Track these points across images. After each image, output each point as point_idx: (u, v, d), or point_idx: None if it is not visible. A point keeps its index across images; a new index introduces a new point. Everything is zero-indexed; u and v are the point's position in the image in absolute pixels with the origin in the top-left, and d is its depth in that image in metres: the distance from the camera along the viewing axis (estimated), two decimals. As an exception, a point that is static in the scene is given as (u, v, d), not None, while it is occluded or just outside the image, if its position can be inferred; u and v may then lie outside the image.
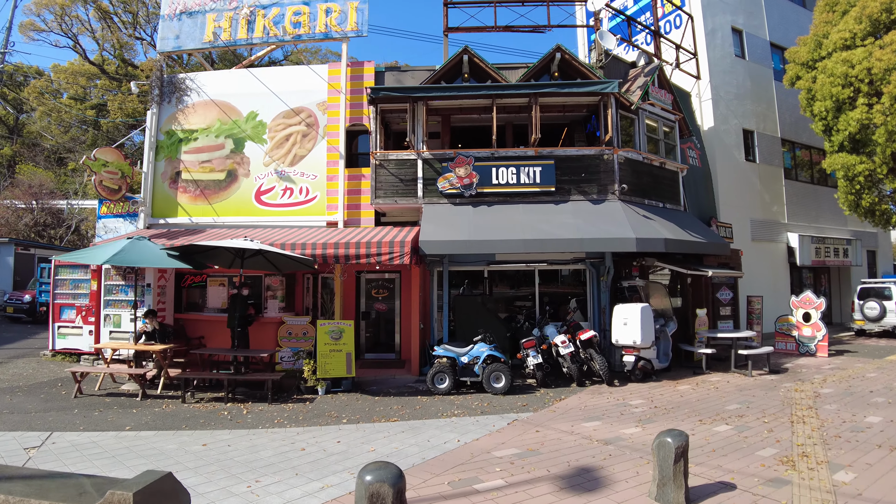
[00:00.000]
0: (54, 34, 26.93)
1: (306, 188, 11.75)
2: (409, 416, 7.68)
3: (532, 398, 8.61)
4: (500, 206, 10.29)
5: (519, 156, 10.42)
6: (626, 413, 7.54)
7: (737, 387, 9.04)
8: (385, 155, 10.76)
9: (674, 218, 10.96)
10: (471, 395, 8.90)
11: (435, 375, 9.01)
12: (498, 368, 8.91)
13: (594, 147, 10.38)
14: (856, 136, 11.67)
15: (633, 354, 9.42)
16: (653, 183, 11.15)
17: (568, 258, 11.04)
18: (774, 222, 15.74)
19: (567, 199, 10.31)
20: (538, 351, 9.37)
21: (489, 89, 10.04)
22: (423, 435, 6.65)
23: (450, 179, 10.40)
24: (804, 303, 12.49)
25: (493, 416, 7.61)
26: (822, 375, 9.93)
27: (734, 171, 14.74)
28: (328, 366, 9.42)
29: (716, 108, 14.47)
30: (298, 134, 11.99)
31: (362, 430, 6.97)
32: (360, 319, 11.76)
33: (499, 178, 10.30)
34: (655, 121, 11.50)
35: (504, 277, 11.89)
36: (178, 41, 12.68)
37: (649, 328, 9.39)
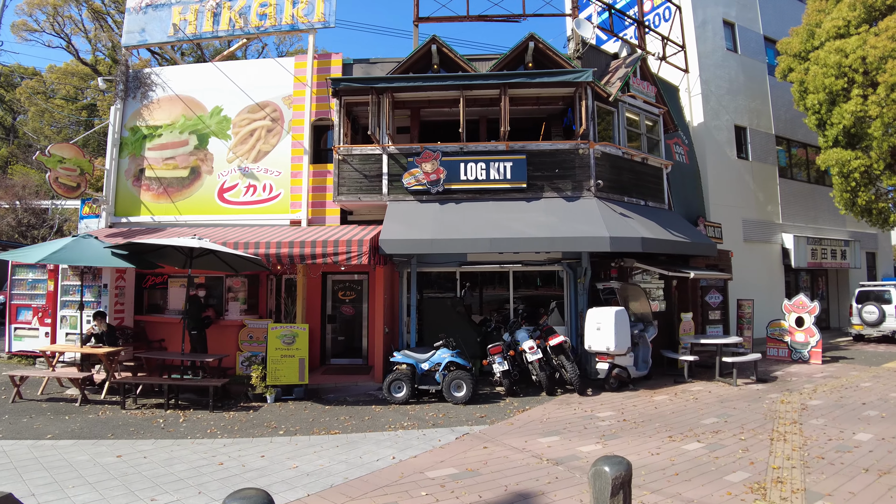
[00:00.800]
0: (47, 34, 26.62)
1: (270, 185, 11.14)
2: (353, 428, 7.04)
3: (494, 409, 7.91)
4: (468, 203, 9.61)
5: (489, 150, 9.74)
6: (590, 427, 6.82)
7: (718, 398, 8.28)
8: (349, 149, 10.12)
9: (656, 216, 10.23)
10: (429, 405, 8.22)
11: (392, 383, 8.35)
12: (459, 376, 8.22)
13: (569, 141, 9.68)
14: (850, 130, 10.88)
15: (608, 361, 8.69)
16: (634, 179, 10.43)
17: (543, 259, 10.33)
18: (768, 222, 14.93)
19: (540, 196, 9.61)
20: (505, 357, 8.66)
21: (455, 79, 9.38)
22: (358, 450, 6.02)
23: (416, 175, 9.73)
24: (797, 306, 11.69)
25: (443, 429, 6.93)
26: (813, 385, 9.14)
27: (725, 168, 13.97)
28: (279, 372, 8.79)
29: (706, 104, 13.71)
30: (263, 129, 11.39)
31: (295, 443, 6.36)
32: (325, 323, 11.11)
33: (467, 174, 9.62)
34: (637, 114, 10.78)
35: (478, 279, 11.19)
36: (144, 35, 12.13)
37: (624, 333, 8.66)
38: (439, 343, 8.73)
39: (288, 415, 7.79)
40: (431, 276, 10.97)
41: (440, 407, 8.08)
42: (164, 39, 12.06)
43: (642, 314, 9.68)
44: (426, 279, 11.06)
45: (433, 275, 10.93)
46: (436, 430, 6.84)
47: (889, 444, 5.86)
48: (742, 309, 12.34)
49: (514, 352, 8.83)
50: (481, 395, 8.81)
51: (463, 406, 8.08)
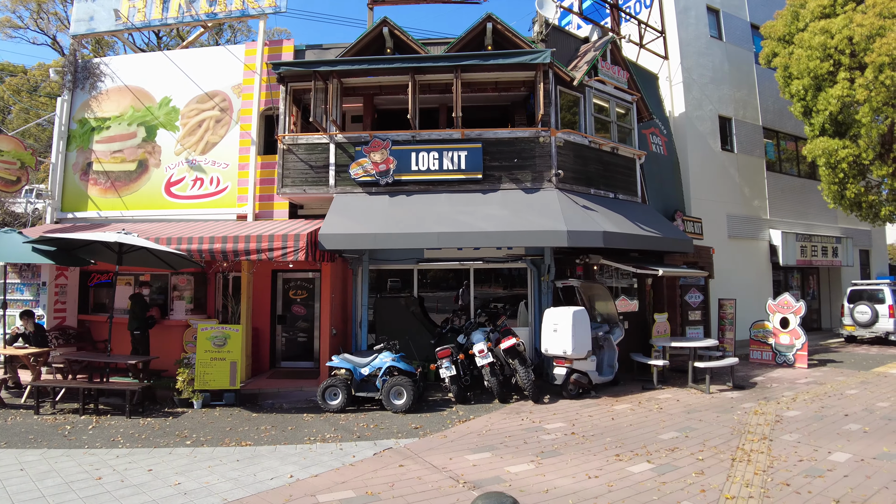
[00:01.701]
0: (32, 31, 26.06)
1: (217, 178, 10.36)
2: (269, 439, 6.29)
3: (435, 418, 7.07)
4: (420, 195, 8.77)
5: (443, 139, 8.89)
6: (531, 441, 5.96)
7: (686, 407, 7.38)
8: (294, 138, 9.31)
9: (626, 210, 9.34)
10: (366, 414, 7.39)
11: (326, 390, 7.54)
12: (400, 382, 7.38)
13: (529, 128, 8.81)
14: (837, 118, 9.93)
15: (565, 366, 7.82)
16: (602, 171, 9.54)
17: (505, 255, 9.47)
18: (755, 218, 13.96)
19: (497, 187, 8.76)
20: (454, 361, 7.82)
21: (403, 61, 8.55)
22: (258, 466, 5.30)
23: (364, 165, 8.91)
24: (781, 307, 10.74)
25: (366, 442, 6.12)
26: (794, 392, 8.22)
27: (708, 161, 13.03)
28: (208, 376, 8.01)
29: (688, 92, 12.78)
30: (212, 120, 10.62)
31: (195, 455, 5.68)
32: (276, 323, 10.31)
33: (419, 164, 8.78)
34: (607, 101, 9.89)
35: (438, 277, 10.34)
36: (93, 23, 11.41)
37: (583, 335, 7.78)
38: (379, 346, 7.90)
39: (207, 423, 7.03)
40: (388, 273, 10.15)
41: (377, 416, 7.25)
42: (112, 28, 11.33)
43: (608, 315, 8.79)
44: (384, 277, 10.25)
45: (389, 272, 10.11)
46: (357, 444, 6.02)
47: (868, 468, 4.95)
48: (724, 309, 11.40)
49: (465, 355, 7.97)
50: (430, 401, 7.98)
51: (402, 415, 7.25)
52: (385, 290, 10.19)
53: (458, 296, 9.84)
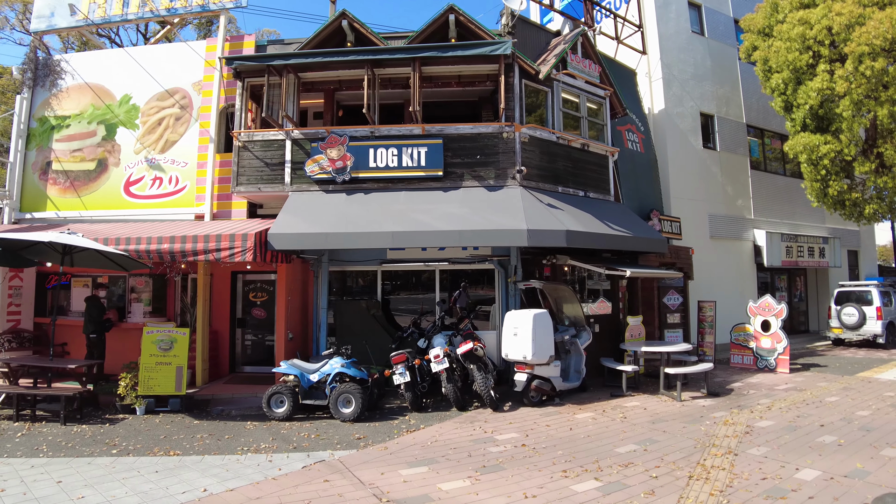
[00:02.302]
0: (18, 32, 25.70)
1: (176, 177, 9.88)
2: (200, 449, 5.87)
3: (383, 428, 6.56)
4: (378, 193, 8.28)
5: (403, 134, 8.40)
6: (476, 454, 5.45)
7: (652, 417, 6.84)
8: (250, 135, 8.85)
9: (596, 209, 8.83)
10: (311, 423, 6.90)
11: (272, 397, 7.06)
12: (348, 390, 6.88)
13: (492, 123, 8.31)
14: (818, 112, 9.40)
15: (526, 372, 7.29)
16: (571, 168, 9.03)
17: (471, 256, 8.96)
18: (739, 218, 13.42)
19: (459, 185, 8.26)
20: (409, 367, 7.30)
21: (359, 54, 8.07)
22: (175, 478, 4.92)
23: (320, 162, 8.42)
24: (763, 309, 10.19)
25: (301, 453, 5.66)
26: (770, 400, 7.67)
27: (689, 159, 12.50)
28: (152, 381, 7.53)
29: (668, 89, 12.27)
30: (172, 117, 10.15)
31: (116, 465, 5.31)
32: (235, 327, 9.81)
33: (377, 161, 8.29)
34: (577, 95, 9.38)
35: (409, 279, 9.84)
36: (53, 20, 10.96)
37: (545, 340, 7.26)
38: (328, 351, 7.40)
39: (144, 430, 6.64)
40: (352, 275, 9.65)
41: (322, 425, 6.74)
42: (72, 24, 10.89)
43: (574, 317, 8.26)
44: (348, 279, 9.75)
45: (354, 274, 9.61)
46: (289, 456, 5.55)
47: (837, 487, 4.42)
48: (703, 312, 10.84)
49: (420, 360, 7.44)
50: (386, 409, 7.49)
51: (350, 424, 6.76)
52: (350, 293, 9.70)
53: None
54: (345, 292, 9.75)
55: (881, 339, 12.34)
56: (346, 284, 9.77)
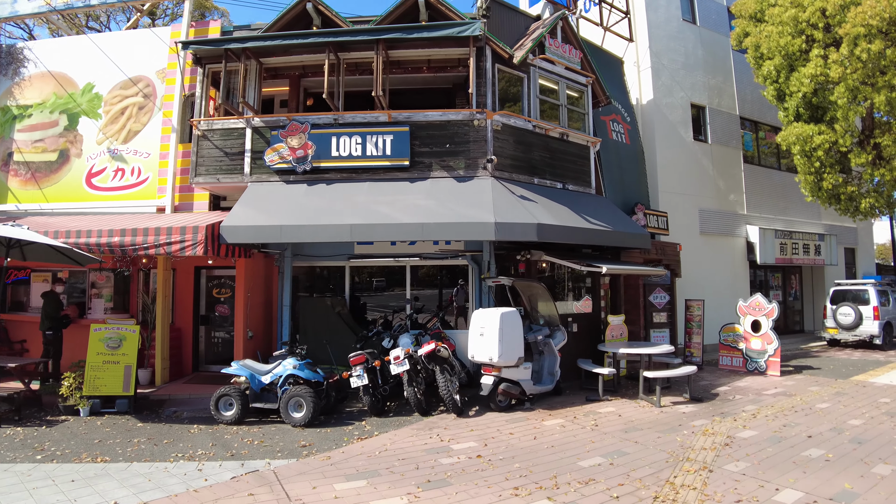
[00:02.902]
0: (9, 28, 25.20)
1: (139, 168, 9.35)
2: (132, 455, 5.47)
3: (333, 434, 6.02)
4: (341, 184, 7.70)
5: (369, 122, 7.82)
6: (424, 466, 4.89)
7: (627, 424, 6.25)
8: (210, 123, 8.29)
9: (574, 202, 8.23)
10: (260, 427, 6.37)
11: (220, 399, 6.54)
12: (298, 393, 6.34)
13: (462, 110, 7.71)
14: (811, 100, 8.75)
15: (493, 375, 6.70)
16: (548, 158, 8.42)
17: (443, 251, 8.38)
18: (731, 213, 12.76)
19: (427, 175, 7.67)
20: (368, 368, 6.74)
21: (320, 36, 7.50)
22: (88, 489, 4.47)
23: (280, 151, 7.86)
24: (753, 308, 9.56)
25: (234, 462, 5.17)
26: (757, 406, 7.05)
27: (679, 151, 11.86)
28: (99, 381, 7.01)
29: (657, 78, 11.62)
30: (135, 106, 9.61)
31: (33, 473, 4.87)
32: (198, 324, 9.27)
33: (340, 150, 7.72)
34: (556, 82, 8.77)
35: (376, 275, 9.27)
36: (16, 6, 10.44)
37: (513, 340, 6.67)
38: (281, 351, 6.85)
39: (80, 433, 6.18)
40: (320, 271, 9.09)
41: (271, 431, 6.20)
42: (34, 10, 10.37)
43: (549, 317, 7.66)
44: (317, 275, 9.20)
45: (322, 270, 9.06)
46: (223, 465, 5.05)
47: (819, 514, 3.82)
48: (690, 311, 10.23)
49: (382, 362, 6.88)
50: (347, 413, 6.94)
51: (301, 430, 6.23)
52: (319, 289, 9.15)
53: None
54: (314, 289, 9.20)
55: (878, 339, 11.69)
56: (314, 281, 9.23)
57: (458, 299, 8.77)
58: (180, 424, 6.57)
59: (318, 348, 7.99)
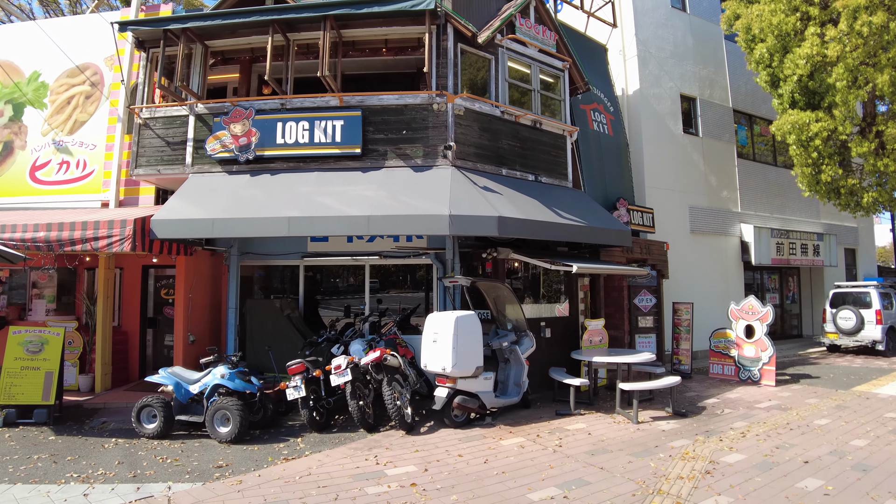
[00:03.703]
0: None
1: (84, 161, 8.57)
2: (23, 475, 4.82)
3: (260, 453, 5.22)
4: (287, 174, 6.89)
5: (318, 106, 7.01)
6: (344, 497, 4.12)
7: (595, 445, 5.36)
8: (152, 111, 7.51)
9: (547, 195, 7.37)
10: (183, 443, 5.59)
11: (143, 410, 5.74)
12: (225, 406, 5.52)
13: (420, 93, 6.88)
14: (808, 84, 7.87)
15: (447, 386, 5.84)
16: (519, 148, 7.58)
17: (404, 250, 7.54)
18: (723, 211, 11.85)
19: (381, 164, 6.84)
20: (308, 379, 5.91)
21: (262, 13, 6.72)
22: None
23: (222, 139, 7.06)
24: (745, 312, 8.65)
25: (131, 485, 4.47)
26: (747, 422, 6.15)
27: (667, 144, 10.98)
28: (16, 388, 6.24)
29: (643, 67, 10.76)
30: (82, 95, 8.85)
31: None
32: (146, 327, 8.47)
33: (286, 137, 6.90)
34: (528, 65, 7.93)
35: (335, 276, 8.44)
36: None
37: (471, 347, 5.82)
38: (209, 359, 6.01)
39: None
40: (275, 271, 8.28)
41: (193, 447, 5.40)
42: (-17, -6, 9.64)
43: (516, 321, 6.79)
44: (271, 276, 8.38)
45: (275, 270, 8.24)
46: (116, 488, 4.36)
47: (816, 576, 2.93)
48: (678, 315, 9.34)
49: (322, 371, 6.03)
50: (287, 427, 6.11)
51: (227, 446, 5.45)
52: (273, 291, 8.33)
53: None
54: (270, 290, 8.38)
55: (881, 345, 10.73)
56: (269, 281, 8.41)
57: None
58: (98, 438, 5.77)
59: (265, 354, 7.18)
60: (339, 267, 8.22)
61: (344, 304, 8.10)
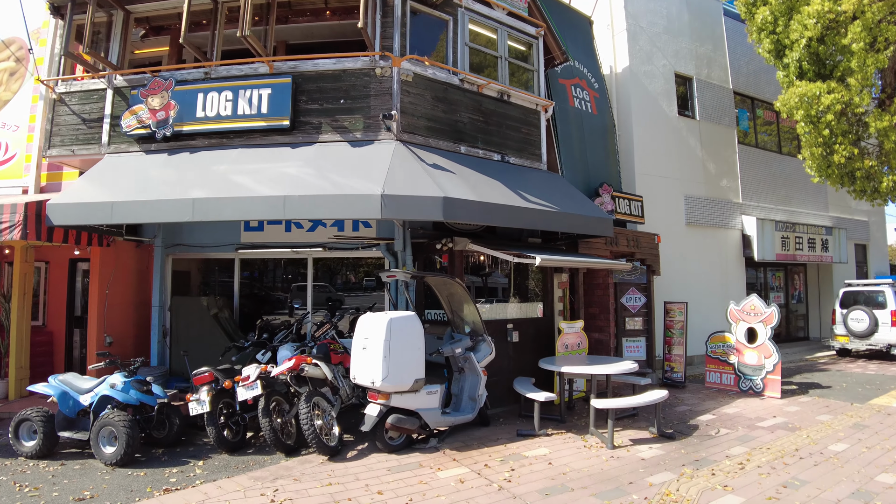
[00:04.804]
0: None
1: (6, 144, 7.51)
2: None
3: (141, 480, 4.18)
4: (208, 152, 5.78)
5: (246, 74, 5.90)
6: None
7: (553, 480, 4.18)
8: (68, 85, 6.46)
9: (514, 177, 6.20)
10: (63, 465, 4.59)
11: (21, 425, 4.71)
12: (111, 421, 4.48)
13: (361, 55, 5.72)
14: (818, 50, 6.60)
15: (379, 403, 4.68)
16: (482, 122, 6.40)
17: (350, 240, 6.41)
18: (723, 201, 10.56)
19: (314, 138, 5.70)
20: (217, 391, 4.80)
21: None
22: None
23: (139, 114, 5.96)
24: (747, 313, 7.39)
25: None
26: (747, 448, 4.93)
27: (661, 127, 9.73)
28: None
29: (633, 43, 9.51)
30: (5, 72, 7.78)
31: None
32: (73, 327, 7.43)
33: (207, 109, 5.79)
34: (494, 30, 6.74)
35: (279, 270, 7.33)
36: None
37: (409, 356, 4.67)
38: (100, 365, 4.94)
39: None
40: (211, 265, 7.19)
41: (70, 471, 4.37)
42: None
43: (473, 323, 5.61)
44: (209, 270, 7.30)
45: (211, 263, 7.15)
46: None
47: None
48: (671, 316, 8.10)
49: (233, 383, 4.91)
50: (198, 446, 5.01)
51: (111, 469, 4.43)
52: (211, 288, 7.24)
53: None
54: (209, 287, 7.30)
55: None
56: (209, 277, 7.33)
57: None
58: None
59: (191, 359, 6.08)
60: (287, 261, 7.10)
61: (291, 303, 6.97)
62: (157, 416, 4.96)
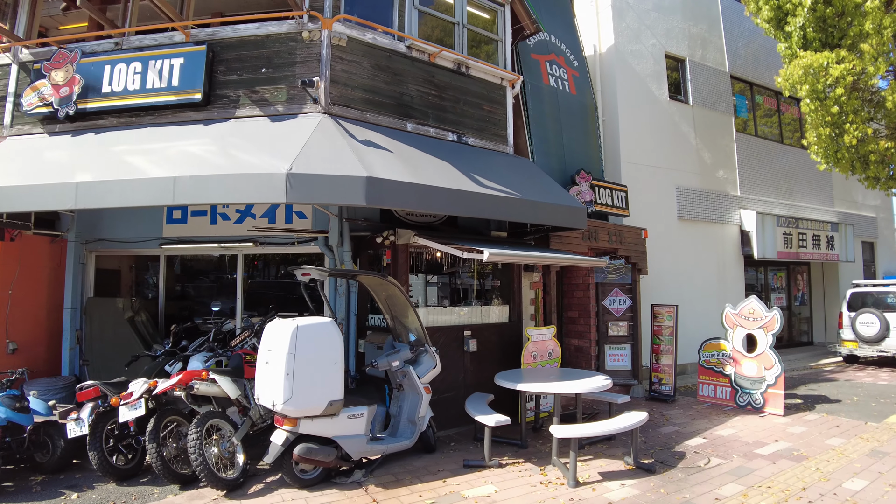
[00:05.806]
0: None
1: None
2: None
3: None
4: (115, 132, 4.85)
5: (160, 43, 4.97)
6: None
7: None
8: (-33, 59, 5.54)
9: (472, 160, 5.22)
10: None
11: None
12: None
13: (287, 16, 4.77)
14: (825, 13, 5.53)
15: (286, 429, 3.70)
16: (434, 97, 5.42)
17: (266, 232, 5.45)
18: (719, 194, 9.47)
19: (230, 114, 4.76)
20: (102, 411, 3.88)
21: None
22: None
23: (41, 91, 5.06)
24: (746, 318, 6.32)
25: None
26: (742, 486, 3.90)
27: (649, 112, 8.68)
28: None
29: (619, 20, 8.47)
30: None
31: None
32: None
33: (114, 84, 4.87)
34: (452, -6, 5.74)
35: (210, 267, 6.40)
36: None
37: (320, 374, 3.71)
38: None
39: None
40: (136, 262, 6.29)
41: None
42: None
43: (416, 331, 4.62)
44: (140, 269, 6.40)
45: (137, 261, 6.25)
46: None
47: None
48: (659, 320, 7.05)
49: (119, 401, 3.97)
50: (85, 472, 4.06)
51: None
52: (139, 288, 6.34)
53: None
54: (139, 288, 6.40)
55: (914, 356, 8.26)
56: (139, 276, 6.42)
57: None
58: None
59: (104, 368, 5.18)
60: (221, 259, 6.18)
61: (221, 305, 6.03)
62: (36, 438, 4.06)
